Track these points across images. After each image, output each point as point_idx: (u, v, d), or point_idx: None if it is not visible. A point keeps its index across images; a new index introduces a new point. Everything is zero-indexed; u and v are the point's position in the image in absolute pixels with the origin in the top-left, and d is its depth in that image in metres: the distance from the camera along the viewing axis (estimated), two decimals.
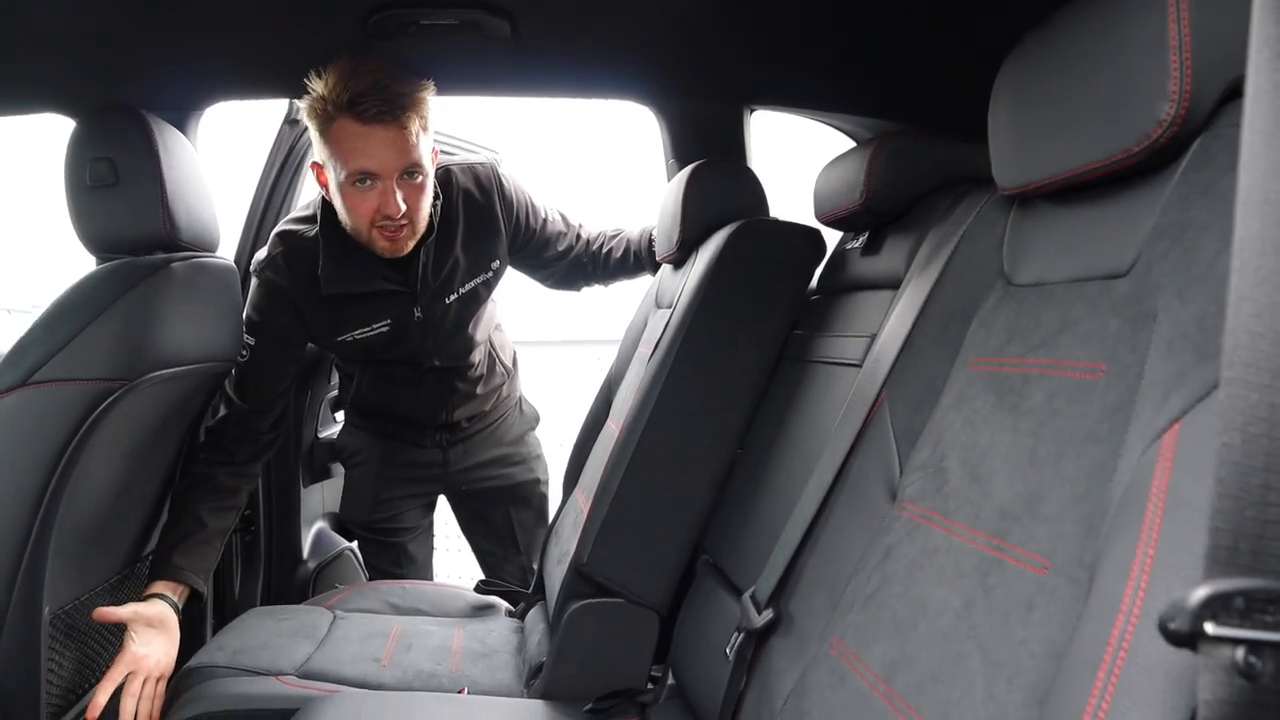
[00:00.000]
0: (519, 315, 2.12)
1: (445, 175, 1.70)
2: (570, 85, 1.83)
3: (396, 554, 2.06)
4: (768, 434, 1.36)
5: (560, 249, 1.90)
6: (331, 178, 1.51)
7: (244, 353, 1.62)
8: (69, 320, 1.26)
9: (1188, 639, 0.41)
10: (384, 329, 1.69)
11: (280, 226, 1.68)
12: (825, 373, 1.26)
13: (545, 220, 1.85)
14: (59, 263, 1.75)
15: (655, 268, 1.93)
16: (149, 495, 1.50)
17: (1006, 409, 0.78)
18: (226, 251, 1.62)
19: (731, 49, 1.75)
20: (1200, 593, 0.40)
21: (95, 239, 1.39)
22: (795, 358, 1.38)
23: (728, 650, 1.07)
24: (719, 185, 1.59)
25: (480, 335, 1.86)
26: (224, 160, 1.95)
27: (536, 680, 1.41)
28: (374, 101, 1.41)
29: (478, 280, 1.75)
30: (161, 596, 1.46)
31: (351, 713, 1.28)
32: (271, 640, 1.50)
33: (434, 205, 1.62)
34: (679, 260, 1.64)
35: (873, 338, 1.11)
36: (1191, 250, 0.63)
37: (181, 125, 1.67)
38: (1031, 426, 0.74)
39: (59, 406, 1.23)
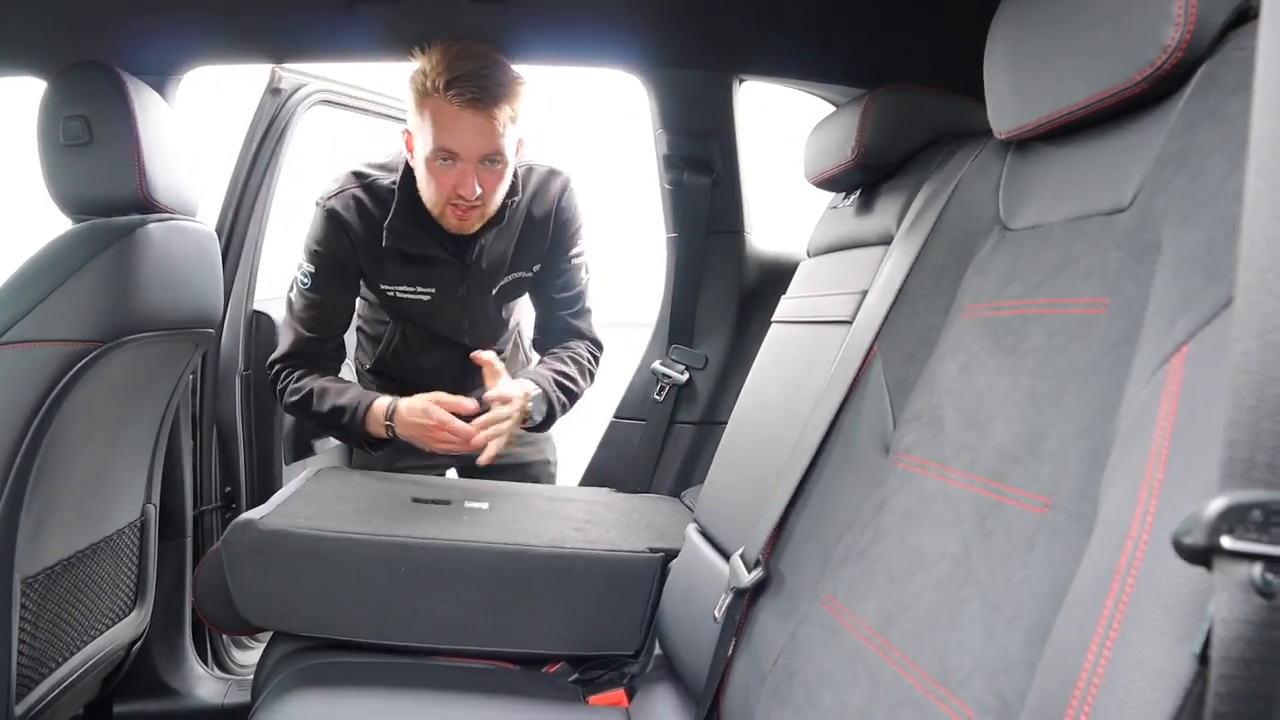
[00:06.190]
0: None
1: (526, 172, 1.74)
2: (558, 53, 1.80)
3: None
4: (755, 397, 1.33)
5: (563, 296, 1.85)
6: (419, 147, 1.56)
7: (304, 280, 1.67)
8: (39, 281, 1.23)
9: (1202, 555, 0.39)
10: (426, 297, 1.73)
11: (357, 166, 1.70)
12: (815, 332, 1.23)
13: (576, 258, 1.83)
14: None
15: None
16: (127, 463, 1.46)
17: (1004, 351, 0.75)
18: (207, 223, 1.58)
19: (720, 17, 1.72)
20: (1217, 503, 0.38)
21: (68, 200, 1.35)
22: (784, 319, 1.35)
23: (716, 613, 1.04)
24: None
25: (512, 323, 1.94)
26: (205, 131, 1.92)
27: None
28: (470, 87, 1.47)
29: (520, 274, 1.80)
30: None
31: None
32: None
33: (509, 198, 1.65)
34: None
35: (864, 294, 1.08)
36: (1197, 175, 0.61)
37: (160, 90, 1.63)
38: (1031, 366, 0.71)
39: (29, 368, 1.19)
